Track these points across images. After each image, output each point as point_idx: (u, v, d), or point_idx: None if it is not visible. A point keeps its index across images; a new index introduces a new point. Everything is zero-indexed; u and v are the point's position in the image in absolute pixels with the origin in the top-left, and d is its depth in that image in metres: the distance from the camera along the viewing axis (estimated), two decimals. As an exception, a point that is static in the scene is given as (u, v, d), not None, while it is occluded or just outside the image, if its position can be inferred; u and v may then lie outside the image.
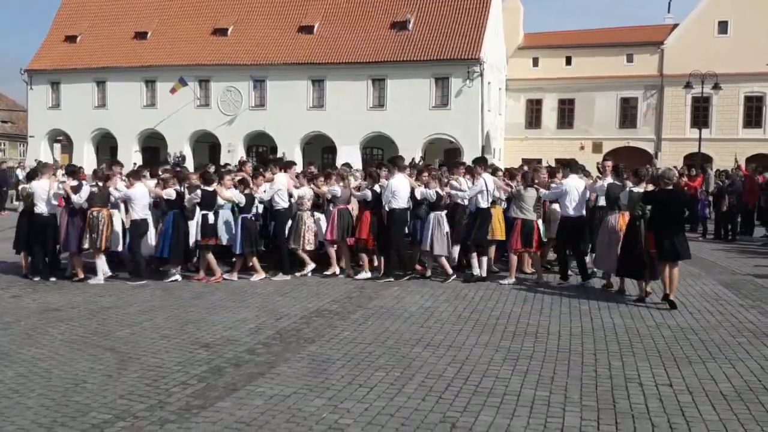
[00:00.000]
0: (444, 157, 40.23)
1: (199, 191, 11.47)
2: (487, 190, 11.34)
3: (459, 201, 11.93)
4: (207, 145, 44.08)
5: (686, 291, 10.65)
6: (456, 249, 12.12)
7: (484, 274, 11.45)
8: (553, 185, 11.95)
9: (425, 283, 11.24)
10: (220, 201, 11.58)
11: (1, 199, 24.39)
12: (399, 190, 11.44)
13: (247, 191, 11.75)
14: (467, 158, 35.31)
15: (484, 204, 11.37)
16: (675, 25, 42.25)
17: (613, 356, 7.16)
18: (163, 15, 45.01)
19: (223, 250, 12.02)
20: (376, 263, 12.04)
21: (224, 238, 11.65)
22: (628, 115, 42.28)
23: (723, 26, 39.99)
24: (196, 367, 6.73)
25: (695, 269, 12.97)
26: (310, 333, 8.08)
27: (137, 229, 11.50)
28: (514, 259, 11.45)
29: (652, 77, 41.30)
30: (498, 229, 11.71)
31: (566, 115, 43.50)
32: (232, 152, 40.72)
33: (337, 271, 11.87)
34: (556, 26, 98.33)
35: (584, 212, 11.33)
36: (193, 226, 11.67)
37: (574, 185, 11.19)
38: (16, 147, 62.55)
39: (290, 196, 12.06)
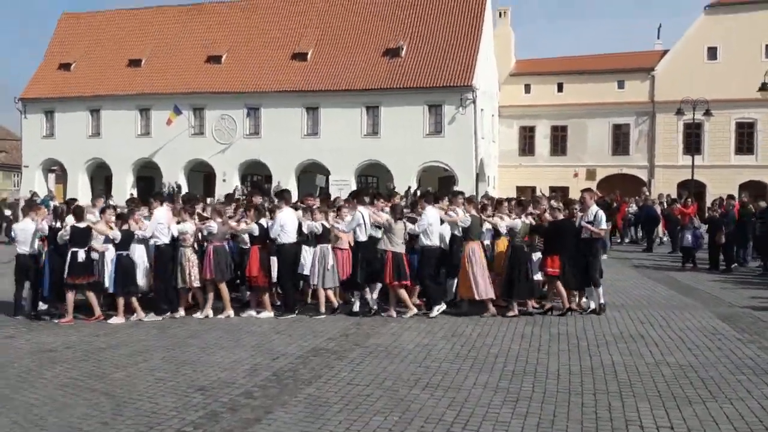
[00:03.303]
0: (438, 185, 40.36)
1: (69, 227, 11.09)
2: (365, 223, 11.36)
3: (456, 233, 11.94)
4: (202, 174, 44.08)
5: (684, 325, 10.63)
6: (453, 282, 12.10)
7: (374, 306, 11.51)
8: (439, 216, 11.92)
9: (422, 320, 11.17)
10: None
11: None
12: (287, 224, 11.41)
13: (125, 227, 11.28)
14: (462, 186, 35.59)
15: (362, 237, 11.40)
16: (665, 52, 42.72)
17: (613, 396, 7.11)
18: (157, 42, 45.24)
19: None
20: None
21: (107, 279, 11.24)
22: (620, 141, 42.54)
23: (712, 52, 40.44)
24: (191, 413, 6.64)
25: (692, 301, 13.00)
26: (307, 374, 8.00)
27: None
28: (402, 293, 11.34)
29: (643, 104, 41.66)
30: (498, 264, 11.78)
31: (559, 141, 43.76)
32: (227, 181, 40.82)
33: (231, 313, 11.53)
34: (548, 52, 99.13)
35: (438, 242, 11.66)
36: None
37: (434, 216, 11.52)
38: (11, 177, 62.45)
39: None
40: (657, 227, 24.63)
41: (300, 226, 11.71)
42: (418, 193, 35.68)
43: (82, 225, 11.13)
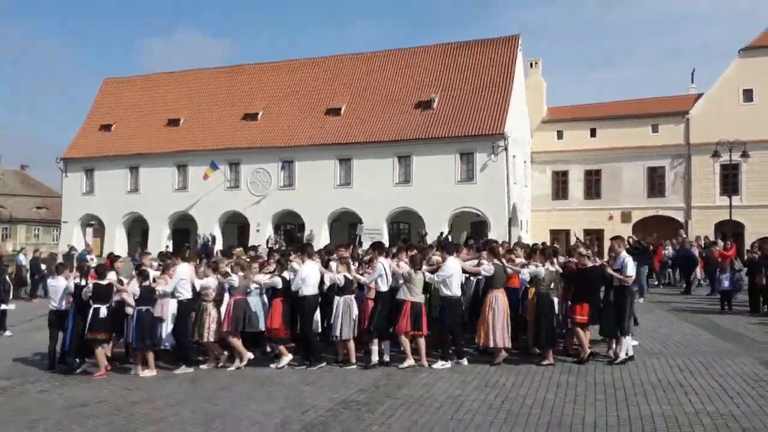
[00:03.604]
0: (470, 230, 40.18)
1: (91, 284, 11.36)
2: (386, 274, 11.36)
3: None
4: (236, 225, 44.66)
5: (724, 372, 10.30)
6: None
7: (387, 359, 11.35)
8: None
9: (455, 369, 11.00)
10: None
11: (33, 287, 24.65)
12: (309, 276, 11.42)
13: (146, 283, 11.50)
14: (494, 231, 35.51)
15: (383, 288, 11.36)
16: (699, 95, 42.45)
17: (651, 448, 6.88)
18: (196, 102, 46.63)
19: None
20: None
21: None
22: (656, 184, 42.07)
23: (748, 94, 40.10)
24: (220, 468, 6.59)
25: (732, 346, 12.61)
26: (337, 427, 7.90)
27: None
28: (405, 341, 11.19)
29: (678, 146, 41.28)
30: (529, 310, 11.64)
31: (593, 185, 43.45)
32: (261, 231, 41.28)
33: (251, 355, 11.64)
34: (580, 99, 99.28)
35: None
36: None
37: (455, 267, 11.42)
38: (50, 232, 64.02)
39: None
40: (695, 269, 24.11)
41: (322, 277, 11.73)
42: (450, 238, 35.73)
43: (104, 282, 11.45)
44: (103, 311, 11.25)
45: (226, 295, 11.91)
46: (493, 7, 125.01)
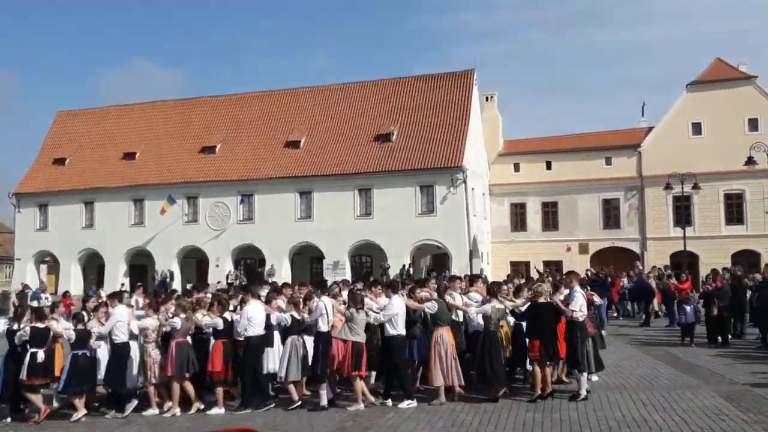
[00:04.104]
0: (432, 262, 40.36)
1: (28, 328, 11.08)
2: (327, 314, 11.27)
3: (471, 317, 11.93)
4: (195, 261, 44.05)
5: (687, 407, 10.46)
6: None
7: (323, 403, 11.13)
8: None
9: (421, 408, 10.96)
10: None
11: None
12: (255, 316, 11.32)
13: (80, 326, 11.26)
14: (456, 263, 35.72)
15: (324, 328, 11.27)
16: (650, 128, 43.57)
17: (619, 488, 6.92)
18: (152, 136, 46.12)
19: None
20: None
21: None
22: (611, 216, 42.87)
23: (697, 127, 41.27)
24: None
25: (693, 380, 12.83)
26: (305, 473, 7.79)
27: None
28: (356, 384, 11.08)
29: (631, 179, 42.21)
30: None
31: (550, 217, 44.08)
32: (220, 266, 40.81)
33: (177, 412, 11.24)
34: (535, 132, 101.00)
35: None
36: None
37: (401, 305, 11.38)
38: (2, 269, 62.27)
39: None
40: (653, 301, 24.52)
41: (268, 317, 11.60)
42: (411, 271, 35.83)
43: (41, 325, 11.10)
44: (41, 355, 10.92)
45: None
46: (445, 42, 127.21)
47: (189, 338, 11.54)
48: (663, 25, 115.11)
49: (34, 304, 20.19)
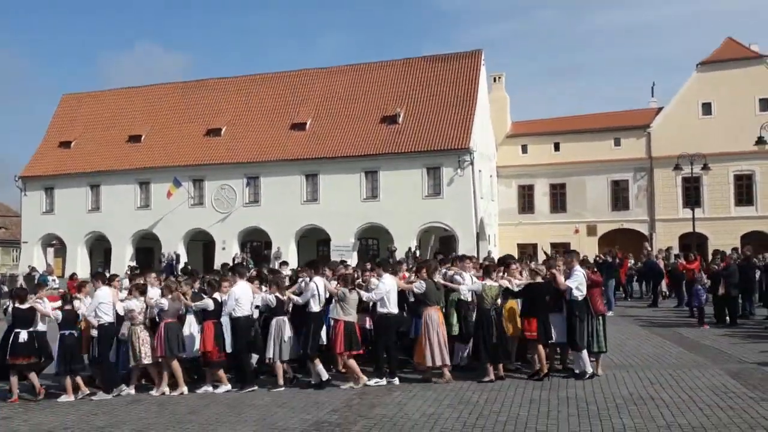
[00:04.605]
0: (439, 244, 40.32)
1: (10, 308, 11.29)
2: (319, 294, 11.24)
3: (462, 297, 11.82)
4: (201, 243, 44.13)
5: (694, 384, 10.39)
6: (467, 347, 12.02)
7: (324, 378, 11.13)
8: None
9: (428, 387, 10.93)
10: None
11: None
12: (242, 297, 11.29)
13: (68, 307, 11.34)
14: (462, 246, 35.62)
15: (315, 308, 11.25)
16: (660, 109, 43.24)
17: (627, 464, 6.87)
18: (157, 118, 46.05)
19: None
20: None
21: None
22: (620, 197, 42.68)
23: (707, 107, 40.95)
24: (191, 496, 6.42)
25: (701, 359, 12.75)
26: (310, 450, 7.77)
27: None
28: (350, 363, 11.09)
29: (640, 160, 41.95)
30: (511, 327, 11.64)
31: (558, 199, 43.90)
32: (226, 249, 40.86)
33: (167, 391, 11.30)
34: (543, 113, 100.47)
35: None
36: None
37: (392, 284, 11.39)
38: (9, 253, 62.50)
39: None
40: (661, 282, 24.42)
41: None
42: (418, 253, 35.77)
43: (24, 306, 11.24)
44: (23, 335, 11.04)
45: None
46: (453, 22, 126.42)
47: (177, 320, 11.55)
48: (673, 5, 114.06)
49: (44, 287, 20.25)
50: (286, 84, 45.04)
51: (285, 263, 18.34)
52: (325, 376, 11.17)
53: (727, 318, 17.89)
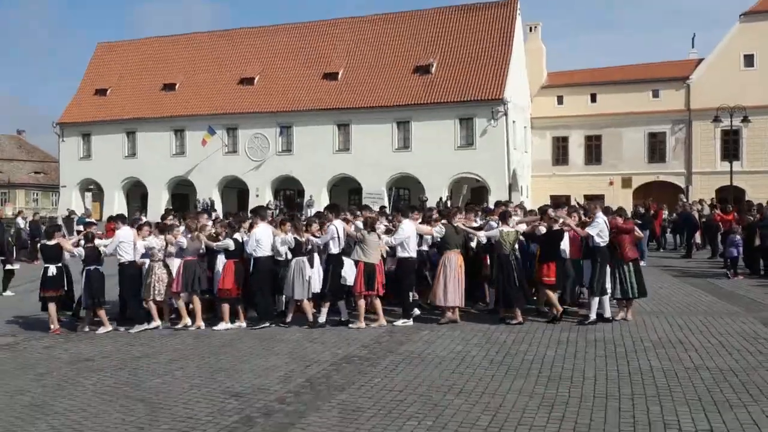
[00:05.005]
0: (470, 195, 40.23)
1: (39, 246, 11.86)
2: (339, 237, 11.40)
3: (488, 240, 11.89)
4: (235, 191, 44.63)
5: (724, 330, 10.38)
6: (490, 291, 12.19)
7: (344, 318, 11.50)
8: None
9: (455, 327, 11.08)
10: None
11: (33, 249, 24.78)
12: (262, 239, 11.47)
13: (90, 245, 11.67)
14: (494, 197, 35.41)
15: (335, 250, 11.43)
16: (700, 60, 42.15)
17: (652, 401, 6.95)
18: (191, 66, 46.19)
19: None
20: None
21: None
22: (656, 149, 42.02)
23: (749, 59, 39.84)
24: (226, 418, 6.67)
25: (733, 307, 12.70)
26: (340, 380, 7.99)
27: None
28: (360, 303, 11.31)
29: (679, 112, 41.12)
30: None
31: (593, 151, 43.36)
32: (260, 196, 41.27)
33: (189, 323, 11.62)
34: (580, 65, 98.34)
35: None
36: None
37: (411, 229, 11.59)
38: (49, 197, 63.94)
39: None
40: (695, 233, 24.14)
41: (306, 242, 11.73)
42: (449, 203, 35.74)
43: (51, 243, 11.70)
44: (52, 270, 11.50)
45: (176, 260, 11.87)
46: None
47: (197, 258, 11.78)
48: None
49: (80, 229, 20.75)
50: (318, 33, 44.71)
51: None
52: (345, 315, 11.52)
53: (762, 269, 17.69)
